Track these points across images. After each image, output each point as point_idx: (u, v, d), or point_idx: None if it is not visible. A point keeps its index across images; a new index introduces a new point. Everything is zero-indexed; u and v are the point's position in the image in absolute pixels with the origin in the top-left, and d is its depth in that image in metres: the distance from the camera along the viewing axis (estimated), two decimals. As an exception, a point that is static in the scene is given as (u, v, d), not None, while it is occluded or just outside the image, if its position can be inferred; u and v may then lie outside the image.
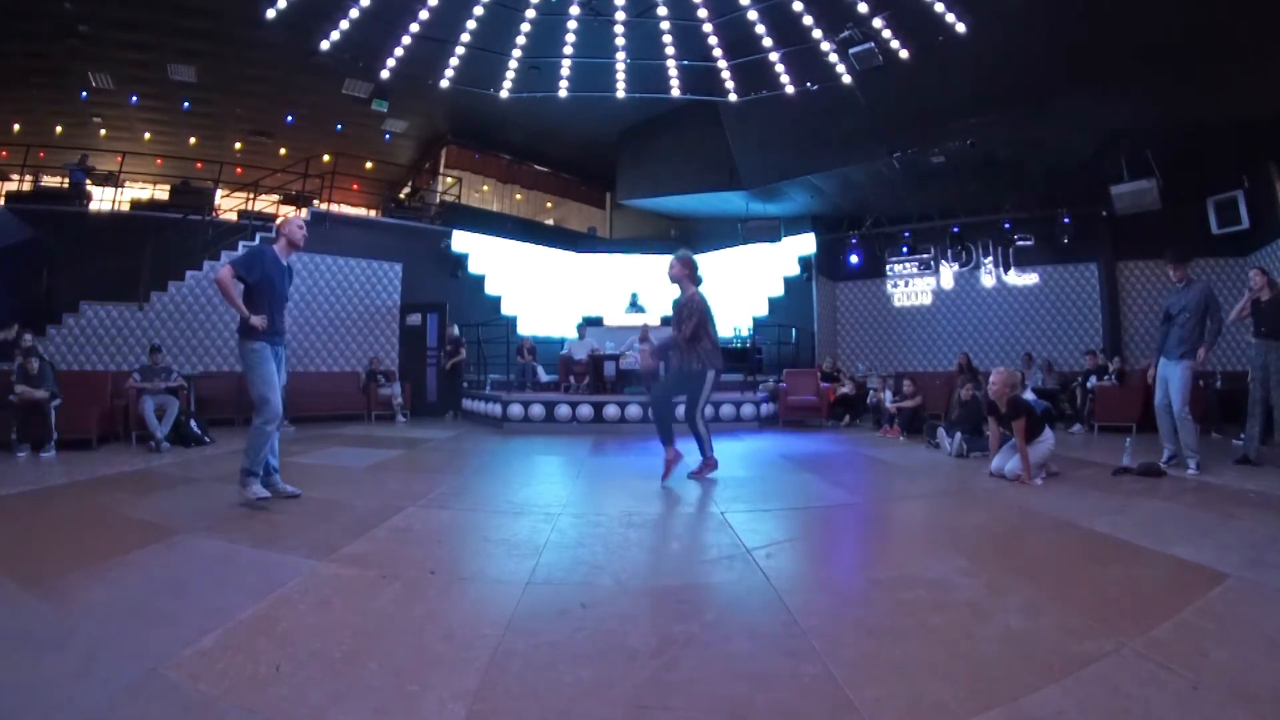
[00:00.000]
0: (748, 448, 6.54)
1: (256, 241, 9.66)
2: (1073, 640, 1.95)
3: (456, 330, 10.49)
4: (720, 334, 4.72)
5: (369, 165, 15.04)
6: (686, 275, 4.59)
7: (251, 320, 3.68)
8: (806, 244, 12.25)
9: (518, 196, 15.38)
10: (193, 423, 6.57)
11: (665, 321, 10.86)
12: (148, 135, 13.62)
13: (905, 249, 11.82)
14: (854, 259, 12.28)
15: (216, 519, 3.37)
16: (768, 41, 7.81)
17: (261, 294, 3.76)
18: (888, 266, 11.97)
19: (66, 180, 10.89)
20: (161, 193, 12.29)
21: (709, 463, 4.58)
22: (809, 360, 11.37)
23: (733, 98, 8.75)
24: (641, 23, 7.86)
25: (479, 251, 12.31)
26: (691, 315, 4.39)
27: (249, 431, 3.75)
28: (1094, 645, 1.88)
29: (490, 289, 12.41)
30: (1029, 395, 5.55)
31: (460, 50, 8.16)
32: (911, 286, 11.97)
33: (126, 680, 1.66)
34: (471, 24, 7.79)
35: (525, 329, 12.06)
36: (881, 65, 7.28)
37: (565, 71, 8.71)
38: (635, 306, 11.87)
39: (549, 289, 13.34)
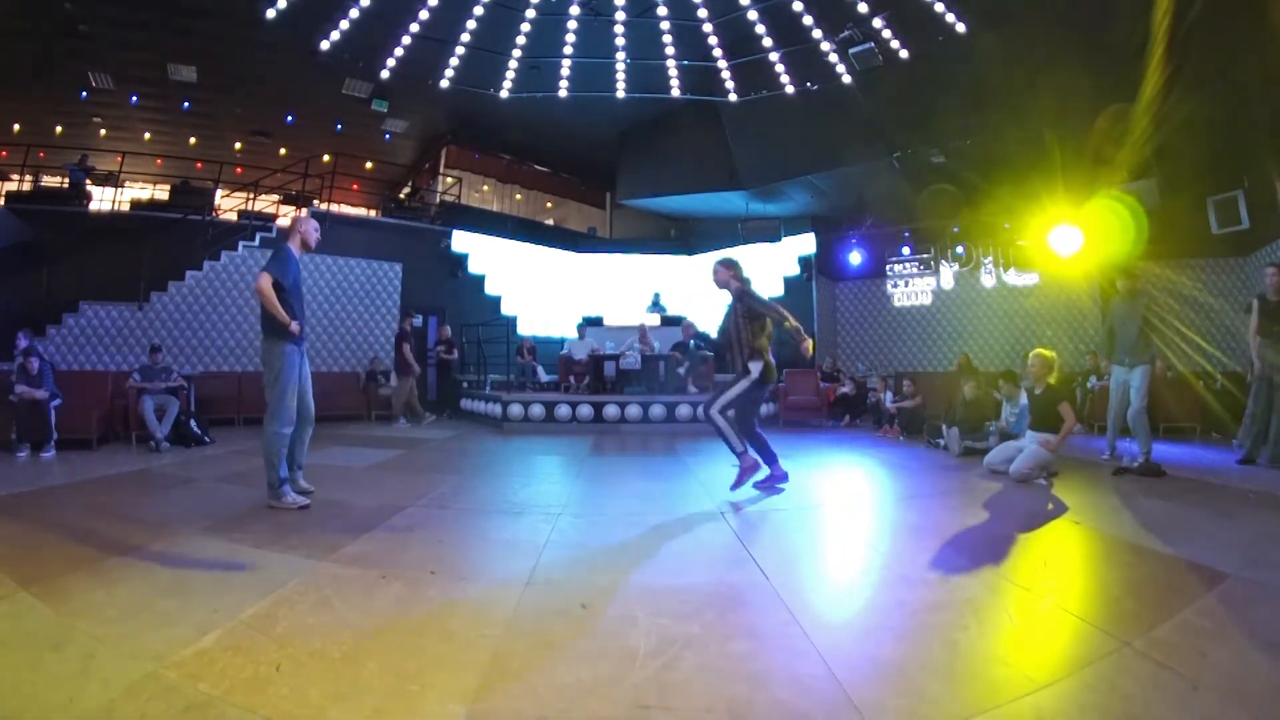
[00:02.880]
0: (748, 448, 6.53)
1: (256, 242, 9.67)
2: (1073, 640, 1.95)
3: (448, 330, 10.56)
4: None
5: (369, 165, 15.03)
6: (733, 277, 4.33)
7: (291, 327, 3.60)
8: (806, 244, 12.24)
9: (518, 196, 15.38)
10: (193, 423, 6.57)
11: (668, 321, 10.89)
12: (148, 135, 13.61)
13: (905, 249, 11.82)
14: (854, 259, 12.28)
15: (216, 519, 3.37)
16: (768, 41, 7.82)
17: (292, 297, 3.70)
18: (888, 266, 11.97)
19: (66, 180, 10.88)
20: (161, 193, 12.29)
21: (743, 469, 4.18)
22: (809, 360, 11.35)
23: (733, 98, 8.76)
24: (641, 23, 7.86)
25: (479, 251, 12.31)
26: (751, 314, 4.21)
27: (262, 441, 3.62)
28: (1094, 645, 1.88)
29: (490, 289, 12.41)
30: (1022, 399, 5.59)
31: (460, 50, 8.17)
32: (911, 286, 11.97)
33: (126, 680, 1.65)
34: (471, 24, 7.79)
35: (525, 329, 12.06)
36: (881, 65, 7.29)
37: (565, 71, 8.72)
38: (657, 306, 11.85)
39: (549, 289, 13.34)
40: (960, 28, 6.80)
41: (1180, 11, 6.11)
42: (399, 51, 8.10)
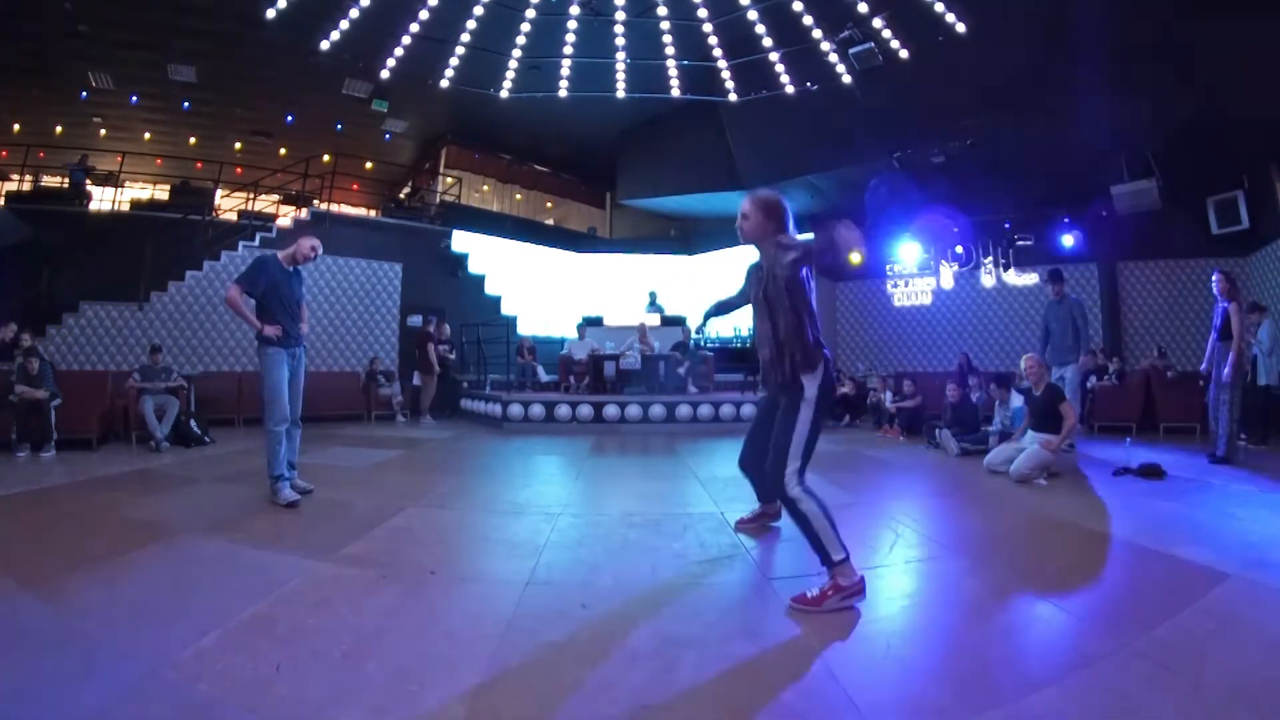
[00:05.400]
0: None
1: (256, 242, 9.67)
2: (1073, 640, 1.95)
3: (447, 329, 10.53)
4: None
5: (369, 165, 15.03)
6: (768, 225, 2.67)
7: (265, 331, 3.80)
8: (807, 244, 12.23)
9: (518, 196, 15.37)
10: (193, 423, 6.56)
11: (668, 321, 10.88)
12: (148, 135, 13.61)
13: (906, 249, 11.80)
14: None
15: (216, 519, 3.37)
16: (768, 41, 7.81)
17: (270, 303, 3.89)
18: (887, 266, 11.97)
19: (66, 180, 10.88)
20: (161, 193, 12.30)
21: (836, 585, 2.18)
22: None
23: (733, 98, 8.75)
24: (641, 23, 7.85)
25: (479, 251, 12.30)
26: (790, 286, 2.53)
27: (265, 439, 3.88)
28: (1094, 645, 1.88)
29: (490, 289, 12.41)
30: (1017, 399, 5.61)
31: (460, 50, 8.15)
32: (911, 286, 11.96)
33: (126, 680, 1.66)
34: (471, 24, 7.78)
35: (525, 329, 12.05)
36: (881, 65, 7.28)
37: (565, 71, 8.70)
38: (654, 306, 11.83)
39: (549, 289, 13.34)
40: (960, 27, 6.79)
41: (1180, 10, 6.12)
42: (399, 51, 8.08)
